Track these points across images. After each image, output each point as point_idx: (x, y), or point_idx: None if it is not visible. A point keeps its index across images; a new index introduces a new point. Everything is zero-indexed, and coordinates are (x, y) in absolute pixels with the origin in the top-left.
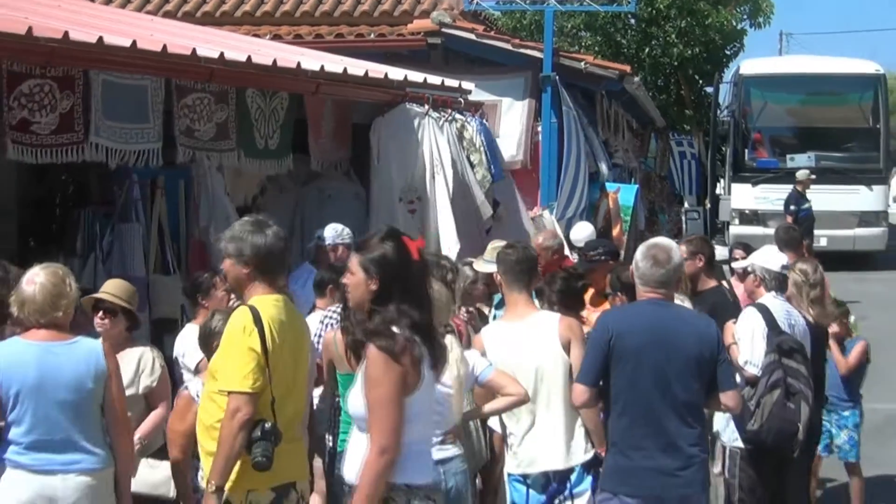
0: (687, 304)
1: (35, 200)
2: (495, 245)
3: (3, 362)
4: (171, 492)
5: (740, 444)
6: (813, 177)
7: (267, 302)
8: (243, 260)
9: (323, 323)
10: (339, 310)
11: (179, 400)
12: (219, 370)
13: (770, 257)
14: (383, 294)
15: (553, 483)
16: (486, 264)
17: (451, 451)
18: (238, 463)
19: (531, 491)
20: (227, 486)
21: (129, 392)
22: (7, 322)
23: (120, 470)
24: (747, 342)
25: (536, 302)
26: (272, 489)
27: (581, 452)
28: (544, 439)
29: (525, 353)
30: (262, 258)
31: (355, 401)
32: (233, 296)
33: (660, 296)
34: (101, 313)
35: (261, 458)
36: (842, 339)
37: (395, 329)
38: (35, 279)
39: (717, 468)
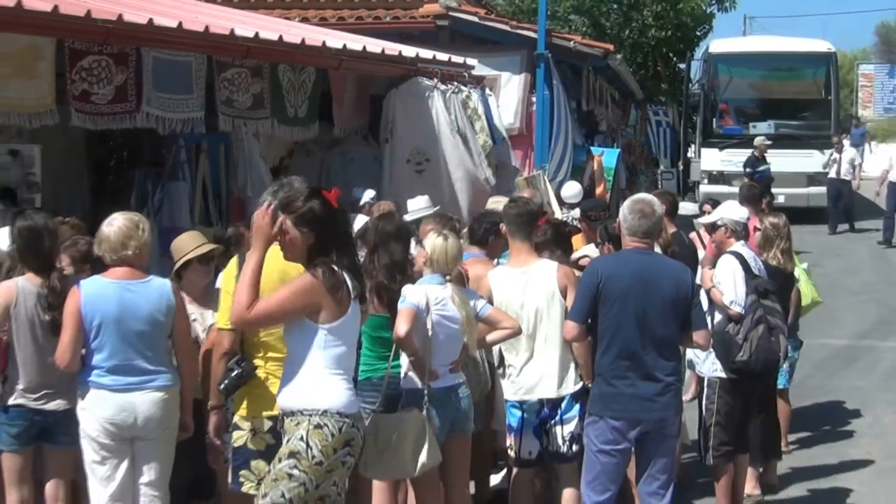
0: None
1: (96, 162)
2: (496, 200)
3: (87, 297)
4: None
5: (720, 374)
6: (768, 143)
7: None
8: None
9: None
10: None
11: (211, 333)
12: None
13: (735, 211)
14: (319, 245)
15: (546, 409)
16: None
17: (457, 379)
18: (244, 391)
19: (526, 415)
20: (237, 412)
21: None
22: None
23: (184, 387)
24: (730, 285)
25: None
26: (268, 418)
27: (571, 384)
28: (540, 371)
29: (527, 295)
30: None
31: None
32: None
33: (645, 245)
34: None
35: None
36: None
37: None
38: (113, 222)
39: (687, 396)
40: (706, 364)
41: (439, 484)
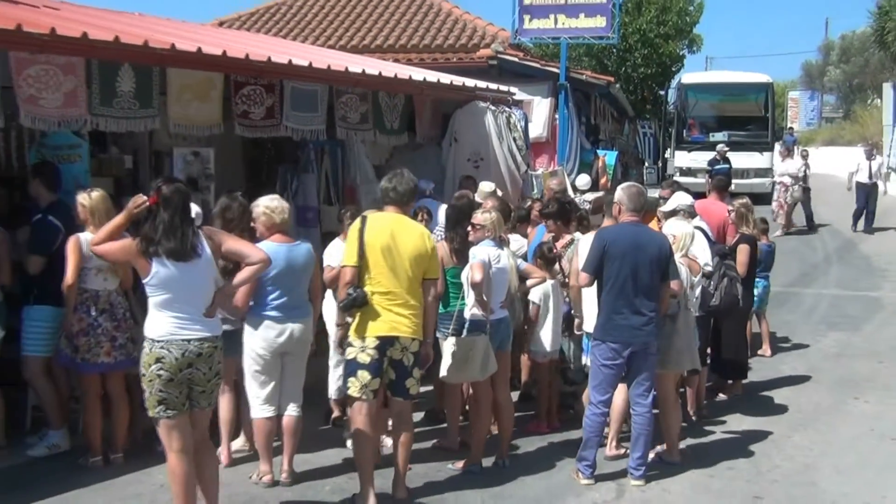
0: None
1: (251, 160)
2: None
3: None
4: None
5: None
6: (726, 148)
7: (378, 214)
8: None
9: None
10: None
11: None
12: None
13: (686, 199)
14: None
15: None
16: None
17: (504, 313)
18: (357, 315)
19: None
20: (351, 333)
21: None
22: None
23: (314, 317)
24: (701, 252)
25: None
26: (377, 338)
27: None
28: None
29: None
30: (384, 193)
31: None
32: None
33: (636, 218)
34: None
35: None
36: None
37: None
38: (270, 203)
39: None
40: None
41: (488, 383)
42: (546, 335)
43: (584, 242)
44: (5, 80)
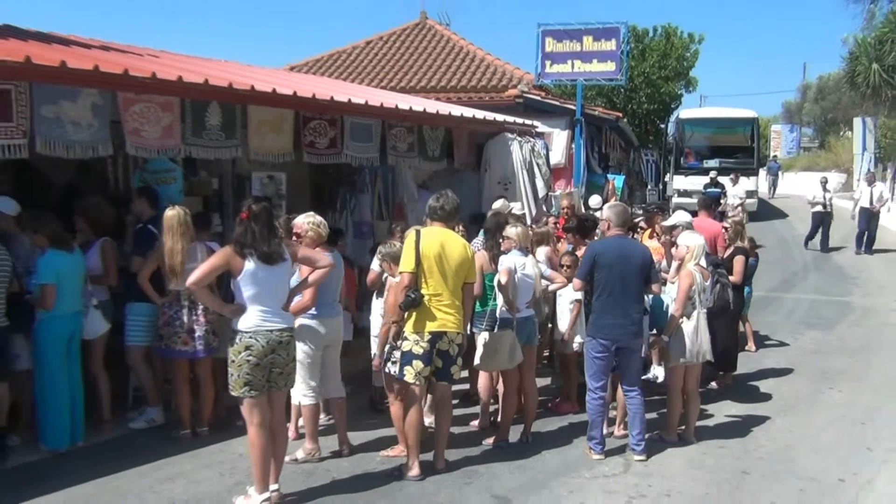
0: None
1: (316, 183)
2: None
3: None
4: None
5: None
6: (715, 174)
7: (430, 229)
8: (427, 214)
9: (477, 246)
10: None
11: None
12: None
13: (684, 216)
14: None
15: None
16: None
17: (529, 312)
18: (413, 314)
19: None
20: (406, 328)
21: None
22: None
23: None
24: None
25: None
26: (430, 332)
27: None
28: None
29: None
30: (433, 211)
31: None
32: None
33: (622, 232)
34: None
35: (402, 305)
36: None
37: None
38: (315, 219)
39: None
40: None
41: (517, 371)
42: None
43: None
44: (114, 115)
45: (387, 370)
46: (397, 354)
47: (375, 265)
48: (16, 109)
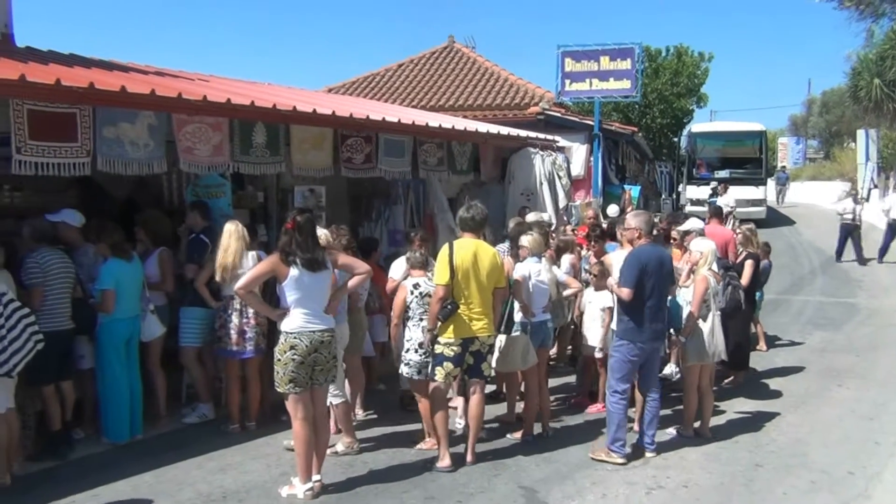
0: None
1: (353, 196)
2: (536, 214)
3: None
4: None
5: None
6: (718, 185)
7: (462, 241)
8: (458, 224)
9: (503, 252)
10: (507, 246)
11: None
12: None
13: (697, 223)
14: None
15: None
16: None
17: (545, 316)
18: (450, 324)
19: None
20: (439, 334)
21: None
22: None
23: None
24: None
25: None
26: (462, 338)
27: None
28: None
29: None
30: (464, 222)
31: None
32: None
33: (652, 240)
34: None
35: (440, 316)
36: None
37: None
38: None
39: None
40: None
41: (536, 370)
42: (597, 336)
43: (616, 258)
44: (169, 135)
45: (401, 372)
46: (413, 357)
47: (394, 273)
48: (80, 131)
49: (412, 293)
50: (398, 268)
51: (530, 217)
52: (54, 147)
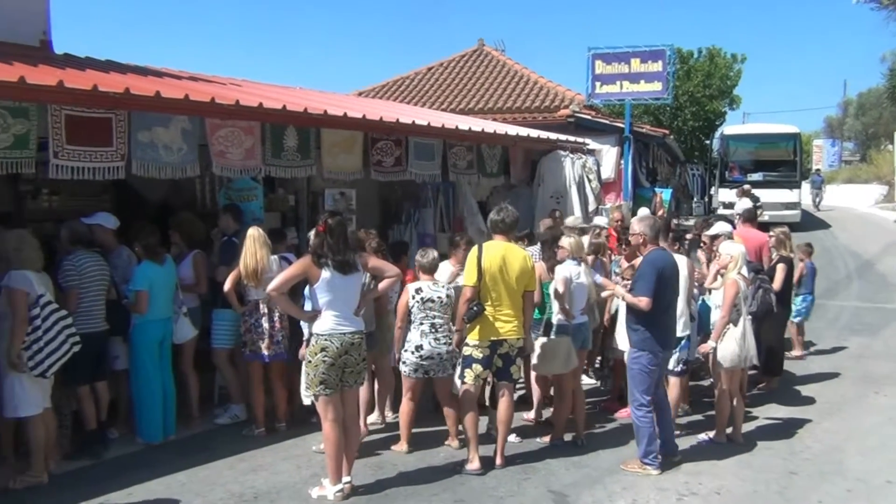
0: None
1: (384, 199)
2: (574, 218)
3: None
4: None
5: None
6: (748, 187)
7: (491, 243)
8: (489, 227)
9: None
10: (538, 249)
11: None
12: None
13: (726, 227)
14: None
15: None
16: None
17: (584, 318)
18: (478, 325)
19: None
20: (468, 336)
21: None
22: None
23: None
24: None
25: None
26: (490, 340)
27: (687, 330)
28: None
29: None
30: (494, 224)
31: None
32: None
33: (664, 244)
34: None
35: (466, 318)
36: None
37: None
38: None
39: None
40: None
41: (570, 374)
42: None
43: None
44: (202, 139)
45: (402, 371)
46: (410, 357)
47: (441, 277)
48: (115, 135)
49: (413, 297)
50: (443, 272)
51: (569, 221)
52: (90, 151)
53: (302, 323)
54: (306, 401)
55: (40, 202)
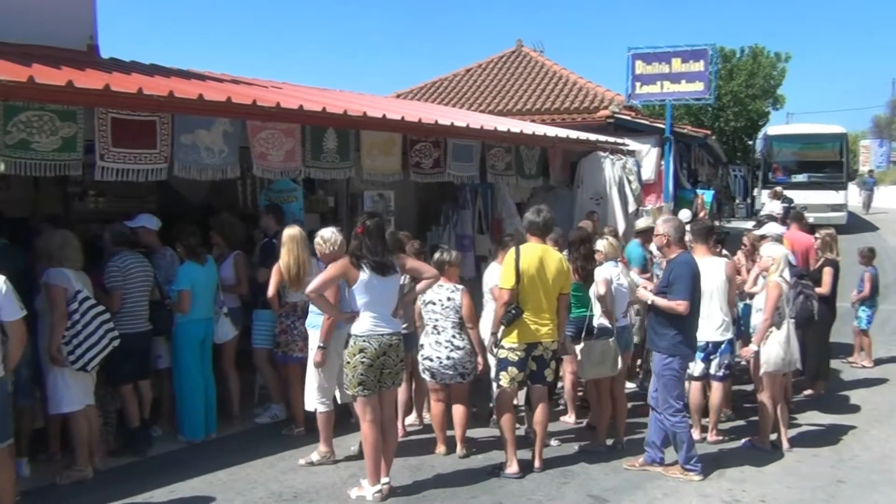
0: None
1: (422, 199)
2: (643, 220)
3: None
4: None
5: None
6: (780, 189)
7: (528, 245)
8: (526, 228)
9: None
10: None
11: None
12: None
13: (775, 228)
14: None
15: (709, 347)
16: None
17: (626, 321)
18: (515, 328)
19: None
20: (504, 338)
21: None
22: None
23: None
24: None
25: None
26: (526, 343)
27: (728, 333)
28: (711, 325)
29: (706, 277)
30: (531, 225)
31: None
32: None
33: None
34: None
35: (504, 321)
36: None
37: None
38: (324, 234)
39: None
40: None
41: (610, 377)
42: None
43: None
44: (243, 141)
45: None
46: (418, 359)
47: (492, 279)
48: (159, 138)
49: (418, 299)
50: (492, 274)
51: (639, 223)
52: (135, 154)
53: (309, 329)
54: (309, 407)
55: (87, 203)
